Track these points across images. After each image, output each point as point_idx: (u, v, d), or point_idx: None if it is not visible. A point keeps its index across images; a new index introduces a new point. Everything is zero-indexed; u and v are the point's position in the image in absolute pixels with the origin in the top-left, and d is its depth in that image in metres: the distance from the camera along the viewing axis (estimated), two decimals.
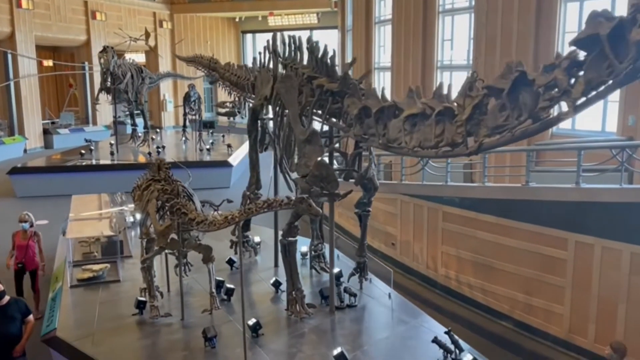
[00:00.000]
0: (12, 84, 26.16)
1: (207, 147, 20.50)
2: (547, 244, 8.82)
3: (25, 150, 26.27)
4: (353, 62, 6.74)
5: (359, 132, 5.97)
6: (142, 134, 21.69)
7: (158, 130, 27.16)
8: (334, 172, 6.83)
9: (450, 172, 10.65)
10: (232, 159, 19.34)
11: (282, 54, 7.81)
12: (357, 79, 6.41)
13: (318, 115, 6.92)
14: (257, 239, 9.59)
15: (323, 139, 6.99)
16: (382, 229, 12.48)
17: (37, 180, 17.59)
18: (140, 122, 22.16)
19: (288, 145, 7.45)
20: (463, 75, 14.70)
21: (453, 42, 15.86)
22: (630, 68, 3.34)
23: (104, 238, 9.48)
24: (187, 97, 22.01)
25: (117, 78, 20.05)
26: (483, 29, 13.38)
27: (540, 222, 8.89)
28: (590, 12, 3.47)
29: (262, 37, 36.84)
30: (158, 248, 6.98)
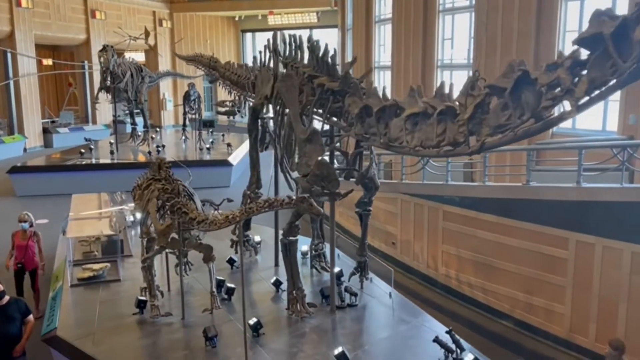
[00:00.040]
0: (11, 83, 26.15)
1: (207, 146, 20.50)
2: (547, 243, 8.81)
3: (25, 149, 26.27)
4: (354, 61, 6.71)
5: (360, 131, 5.95)
6: (141, 133, 21.69)
7: (158, 130, 27.14)
8: (335, 171, 6.83)
9: (451, 171, 10.64)
10: (232, 158, 19.34)
11: (282, 53, 7.79)
12: (358, 78, 6.39)
13: (319, 115, 6.90)
14: (257, 238, 9.59)
15: (324, 138, 6.97)
16: (382, 228, 12.47)
17: (36, 180, 17.58)
18: (140, 121, 22.17)
19: (289, 145, 7.44)
20: (463, 75, 14.80)
21: (453, 41, 15.82)
22: (634, 67, 3.33)
23: (104, 237, 9.48)
24: (186, 96, 21.98)
25: (116, 77, 20.04)
26: (483, 28, 13.35)
27: (541, 221, 8.89)
28: (594, 10, 3.45)
29: (261, 36, 36.86)
30: (159, 247, 6.97)
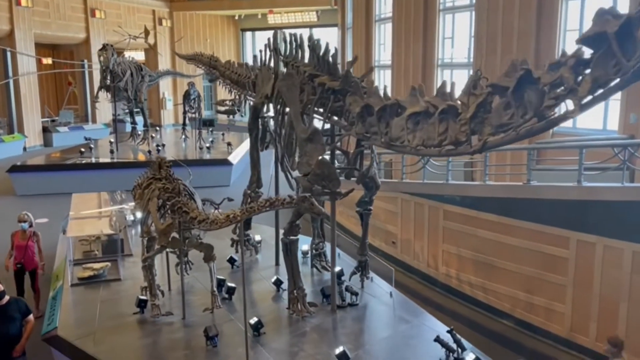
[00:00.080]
0: (11, 82, 26.10)
1: (207, 145, 20.48)
2: (548, 243, 8.81)
3: (25, 148, 26.22)
4: (355, 60, 6.67)
5: (361, 130, 5.93)
6: (141, 132, 21.65)
7: (158, 129, 27.07)
8: (336, 170, 6.81)
9: (451, 170, 10.63)
10: (232, 157, 19.31)
11: (283, 52, 7.77)
12: (358, 77, 6.37)
13: (319, 114, 6.88)
14: (258, 238, 9.57)
15: (324, 138, 6.95)
16: (383, 228, 12.46)
17: (36, 179, 17.55)
18: (140, 120, 22.13)
19: (289, 144, 7.41)
20: (464, 74, 14.78)
21: (454, 40, 15.81)
22: (638, 66, 3.31)
23: (105, 236, 9.46)
24: (186, 95, 21.92)
25: (116, 76, 20.01)
26: (484, 27, 13.34)
27: (542, 220, 8.89)
28: (598, 9, 3.43)
29: (261, 35, 36.79)
30: (159, 247, 6.95)
